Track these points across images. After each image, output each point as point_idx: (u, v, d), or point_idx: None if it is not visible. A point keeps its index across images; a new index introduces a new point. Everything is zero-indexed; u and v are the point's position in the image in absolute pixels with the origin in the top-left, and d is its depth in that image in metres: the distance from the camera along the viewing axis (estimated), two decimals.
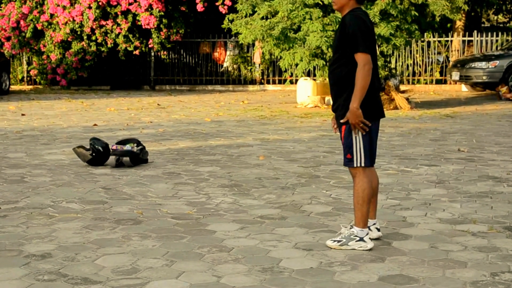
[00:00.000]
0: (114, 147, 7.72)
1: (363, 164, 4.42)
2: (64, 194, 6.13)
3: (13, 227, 5.02)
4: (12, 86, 20.58)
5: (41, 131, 10.76)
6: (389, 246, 4.54)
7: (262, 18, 14.23)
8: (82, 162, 7.69)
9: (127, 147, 7.69)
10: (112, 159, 7.59)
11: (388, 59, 15.78)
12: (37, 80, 21.76)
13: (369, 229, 4.56)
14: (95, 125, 11.61)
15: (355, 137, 4.40)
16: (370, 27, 4.48)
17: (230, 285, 3.81)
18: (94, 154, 7.56)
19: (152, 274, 3.98)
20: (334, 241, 4.48)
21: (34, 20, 20.48)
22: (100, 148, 7.57)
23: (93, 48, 20.34)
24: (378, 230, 4.67)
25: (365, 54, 4.34)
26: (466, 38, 21.53)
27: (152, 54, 21.97)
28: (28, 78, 22.46)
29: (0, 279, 3.90)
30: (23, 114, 13.33)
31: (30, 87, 21.91)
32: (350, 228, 4.48)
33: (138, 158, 7.65)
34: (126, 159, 7.54)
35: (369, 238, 4.47)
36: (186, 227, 5.01)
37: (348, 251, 4.39)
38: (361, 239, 4.42)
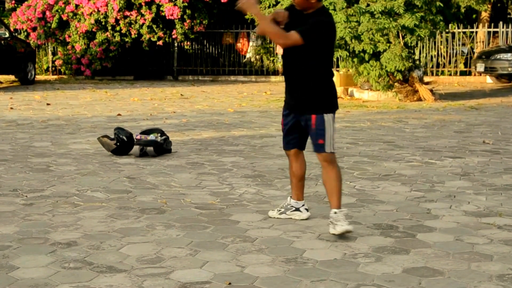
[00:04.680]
0: (138, 137, 7.76)
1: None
2: (89, 183, 6.19)
3: (39, 215, 5.08)
4: (37, 76, 20.75)
5: (66, 121, 10.85)
6: (413, 238, 4.52)
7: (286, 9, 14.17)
8: (106, 152, 7.74)
9: (151, 137, 7.73)
10: (136, 148, 7.64)
11: (412, 50, 15.64)
12: (62, 70, 21.90)
13: (299, 211, 4.93)
14: (119, 115, 11.67)
15: None
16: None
17: (254, 275, 3.82)
18: (118, 143, 7.61)
19: (176, 263, 4.01)
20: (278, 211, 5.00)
21: (59, 10, 20.62)
22: (124, 137, 7.62)
23: (117, 38, 20.43)
24: (307, 210, 4.98)
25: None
26: (492, 29, 21.25)
27: (176, 44, 22.01)
28: (53, 68, 22.62)
29: (27, 266, 3.95)
30: (48, 104, 13.44)
31: (55, 77, 22.07)
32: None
33: (162, 148, 7.68)
34: (150, 148, 7.59)
35: (305, 209, 4.93)
36: (210, 217, 5.03)
37: (372, 242, 4.39)
38: (297, 209, 4.91)
